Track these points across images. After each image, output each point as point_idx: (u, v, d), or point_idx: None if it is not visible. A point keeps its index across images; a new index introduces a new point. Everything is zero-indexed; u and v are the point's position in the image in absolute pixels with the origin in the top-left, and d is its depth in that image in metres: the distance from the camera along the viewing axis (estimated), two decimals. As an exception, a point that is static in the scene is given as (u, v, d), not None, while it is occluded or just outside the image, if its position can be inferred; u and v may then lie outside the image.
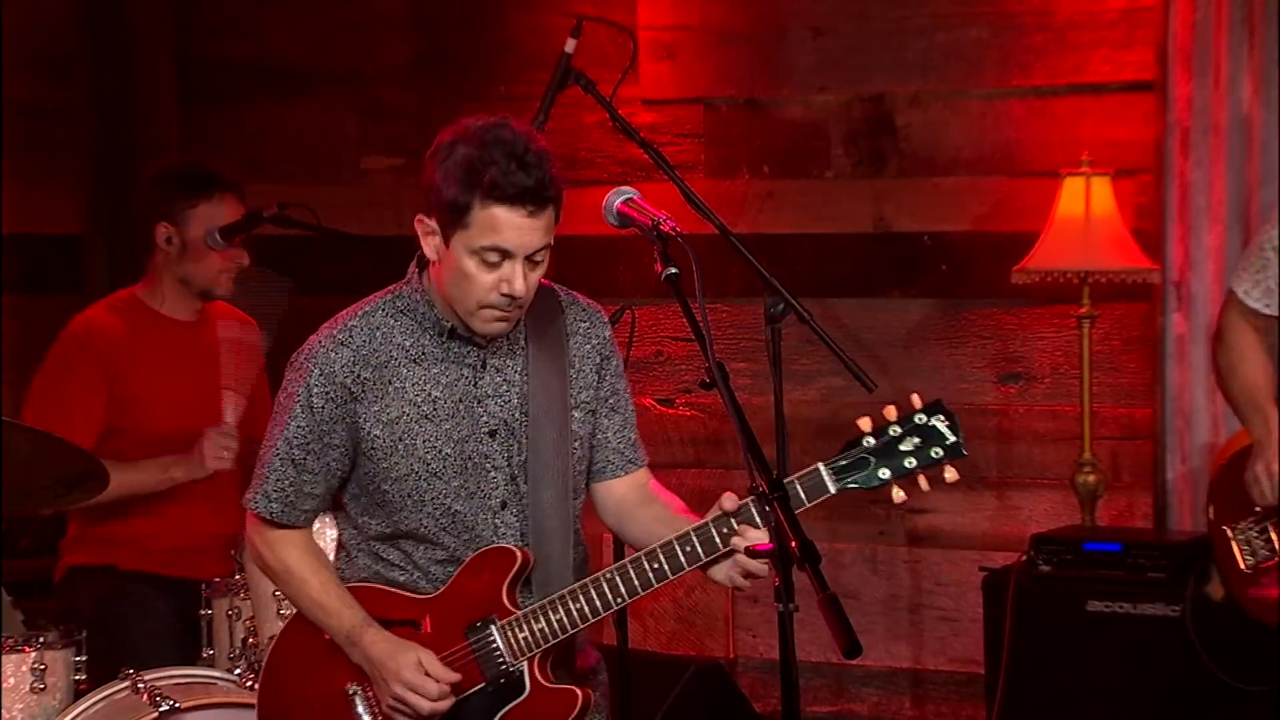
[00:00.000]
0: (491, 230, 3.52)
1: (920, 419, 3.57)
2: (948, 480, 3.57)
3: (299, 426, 3.67)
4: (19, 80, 7.11)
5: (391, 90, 6.93)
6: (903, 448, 3.56)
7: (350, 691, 3.70)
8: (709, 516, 3.59)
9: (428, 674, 3.60)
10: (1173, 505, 5.88)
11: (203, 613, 5.17)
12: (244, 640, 5.05)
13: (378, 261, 3.79)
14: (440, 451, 3.65)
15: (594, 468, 3.81)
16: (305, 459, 3.68)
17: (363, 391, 3.64)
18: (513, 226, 3.52)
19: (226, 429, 5.36)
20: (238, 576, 5.07)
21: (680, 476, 6.27)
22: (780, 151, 6.48)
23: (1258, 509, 4.43)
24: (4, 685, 4.80)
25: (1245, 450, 4.53)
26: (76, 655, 4.94)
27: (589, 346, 3.77)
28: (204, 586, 5.17)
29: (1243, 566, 4.50)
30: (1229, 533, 4.51)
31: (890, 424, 3.57)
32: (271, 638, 4.91)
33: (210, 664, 5.07)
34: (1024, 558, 5.61)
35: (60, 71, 7.24)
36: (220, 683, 4.88)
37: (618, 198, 3.62)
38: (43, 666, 4.84)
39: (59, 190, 7.22)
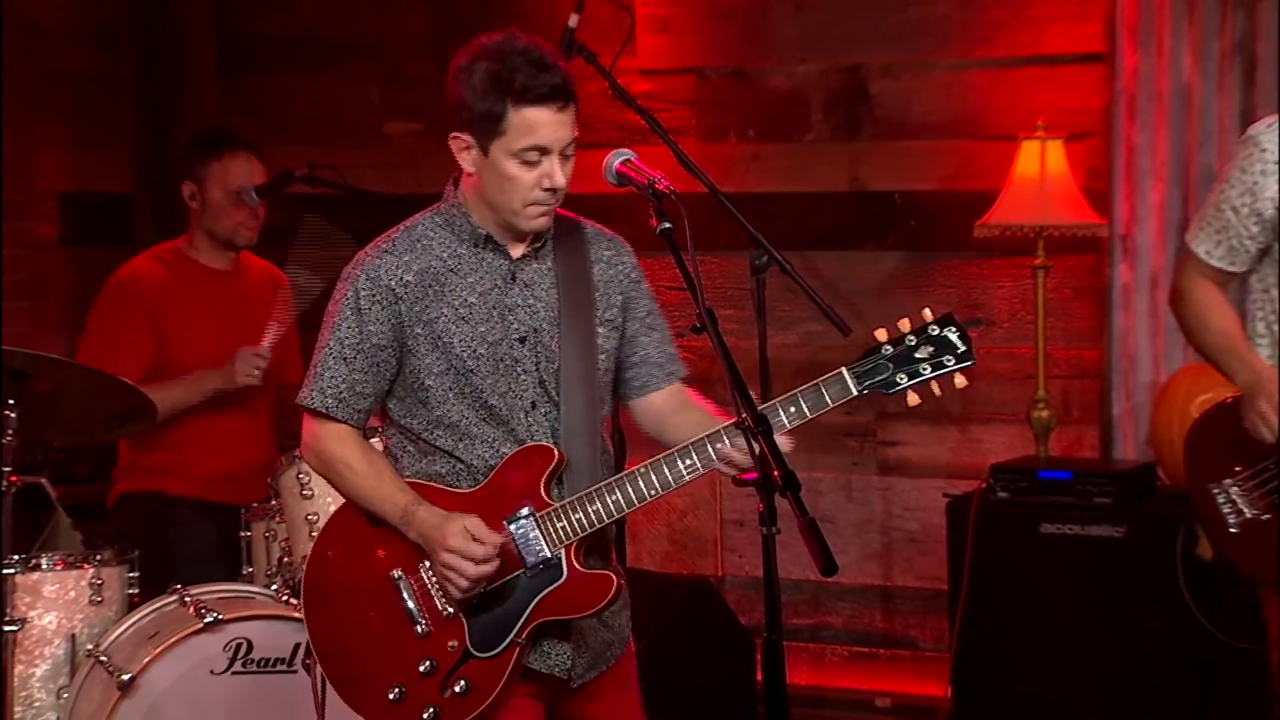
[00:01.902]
0: (528, 131, 3.53)
1: (933, 330, 3.54)
2: (958, 386, 3.54)
3: (350, 328, 3.62)
4: (72, 51, 7.12)
5: (411, 61, 6.93)
6: (918, 355, 3.53)
7: (395, 577, 3.64)
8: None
9: (474, 538, 3.53)
10: (1118, 438, 5.91)
11: (242, 534, 5.20)
12: (279, 559, 5.08)
13: (398, 217, 3.79)
14: (475, 351, 3.61)
15: (636, 384, 3.79)
16: (356, 358, 3.62)
17: (406, 293, 3.61)
18: (546, 124, 3.53)
19: (261, 350, 5.33)
20: (274, 501, 5.08)
21: (673, 412, 6.29)
22: (765, 117, 6.49)
23: (1238, 467, 4.19)
24: (63, 598, 4.85)
25: (1222, 406, 4.29)
26: (130, 572, 4.99)
27: (613, 272, 3.76)
28: (243, 511, 5.20)
29: (1226, 525, 4.23)
30: (1211, 491, 4.25)
31: (906, 334, 3.54)
32: (306, 555, 4.98)
33: (249, 580, 5.11)
34: (984, 485, 5.63)
35: (109, 43, 7.24)
36: (258, 597, 4.92)
37: (616, 159, 3.60)
38: (100, 581, 4.88)
39: (109, 152, 7.23)
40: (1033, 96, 6.06)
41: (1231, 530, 4.24)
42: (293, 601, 4.82)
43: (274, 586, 4.97)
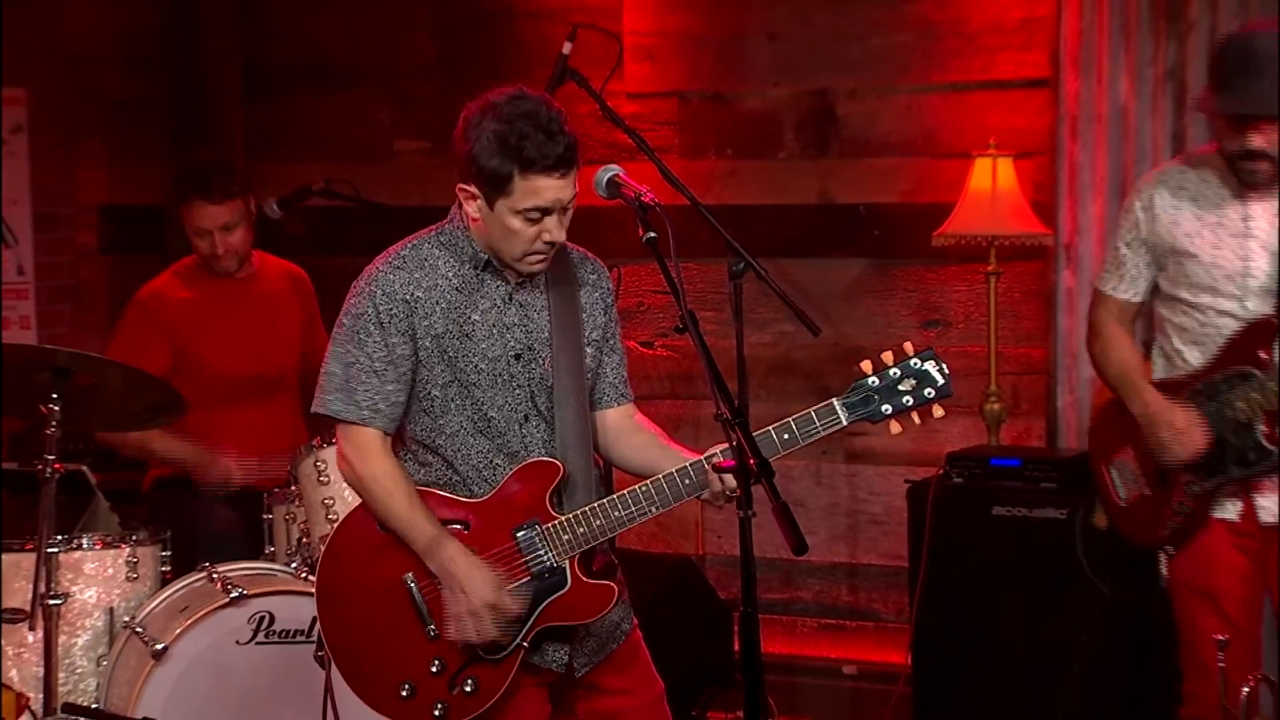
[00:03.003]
0: (533, 195, 3.45)
1: (915, 363, 3.50)
2: (936, 416, 3.49)
3: (375, 343, 3.52)
4: (112, 78, 7.12)
5: (419, 84, 6.92)
6: (901, 388, 3.49)
7: (407, 580, 3.56)
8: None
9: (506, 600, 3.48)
10: (1062, 428, 5.92)
11: (265, 517, 5.20)
12: (299, 540, 5.08)
13: (407, 228, 3.78)
14: (476, 366, 3.55)
15: (592, 398, 3.72)
16: (387, 370, 3.53)
17: (417, 306, 3.52)
18: (551, 189, 3.46)
19: (237, 481, 5.29)
20: (293, 487, 5.09)
21: (658, 406, 6.28)
22: (741, 136, 6.48)
23: (1129, 449, 4.38)
24: (102, 575, 4.86)
25: (1114, 402, 4.49)
26: (163, 551, 4.99)
27: (596, 295, 3.70)
28: (266, 495, 5.20)
29: (1116, 499, 4.45)
30: (1106, 469, 4.47)
31: (889, 367, 3.49)
32: (323, 537, 4.97)
33: (271, 559, 5.11)
34: (941, 472, 5.62)
35: (144, 70, 7.24)
36: (279, 574, 4.93)
37: (606, 174, 3.56)
38: (136, 560, 4.89)
39: (144, 168, 7.22)
40: (984, 118, 6.06)
41: (1120, 502, 4.43)
42: (310, 578, 4.81)
43: (294, 565, 4.98)
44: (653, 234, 3.44)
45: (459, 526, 3.56)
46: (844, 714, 6.23)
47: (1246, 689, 4.12)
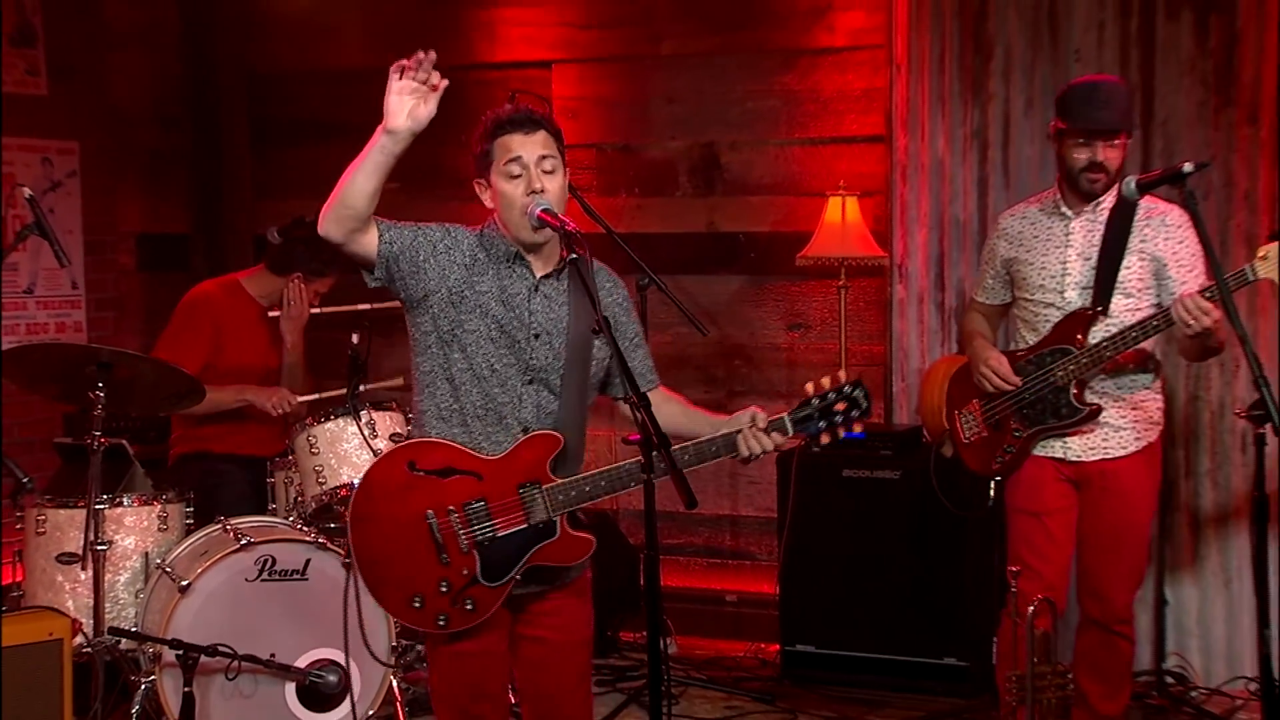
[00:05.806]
0: (506, 150, 3.42)
1: (847, 389, 3.48)
2: (855, 430, 3.49)
3: (410, 224, 3.47)
4: (146, 132, 7.07)
5: (392, 138, 6.85)
6: (835, 408, 3.47)
7: (428, 516, 3.42)
8: (727, 427, 3.47)
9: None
10: (896, 409, 5.95)
11: (268, 481, 5.17)
12: (295, 499, 5.06)
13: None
14: (503, 330, 3.45)
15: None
16: (413, 228, 3.46)
17: (473, 265, 3.44)
18: (517, 141, 3.42)
19: (295, 402, 5.26)
20: (290, 456, 5.06)
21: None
22: (645, 179, 6.48)
23: (975, 401, 4.53)
24: (139, 526, 4.81)
25: (964, 366, 4.63)
26: (187, 507, 4.95)
27: (610, 300, 3.57)
28: (269, 463, 5.17)
29: (962, 438, 4.58)
30: (956, 416, 4.61)
31: (828, 391, 3.47)
32: (315, 495, 4.93)
33: (274, 514, 5.08)
34: (803, 442, 5.62)
35: (174, 127, 7.18)
36: (279, 526, 4.89)
37: (537, 208, 3.45)
38: (165, 514, 4.85)
39: (173, 205, 7.15)
40: (835, 165, 6.10)
41: (966, 441, 4.59)
42: (304, 529, 4.79)
43: (291, 519, 4.95)
44: (574, 255, 3.41)
45: (473, 477, 3.42)
46: (726, 632, 6.25)
47: (1032, 607, 4.17)
